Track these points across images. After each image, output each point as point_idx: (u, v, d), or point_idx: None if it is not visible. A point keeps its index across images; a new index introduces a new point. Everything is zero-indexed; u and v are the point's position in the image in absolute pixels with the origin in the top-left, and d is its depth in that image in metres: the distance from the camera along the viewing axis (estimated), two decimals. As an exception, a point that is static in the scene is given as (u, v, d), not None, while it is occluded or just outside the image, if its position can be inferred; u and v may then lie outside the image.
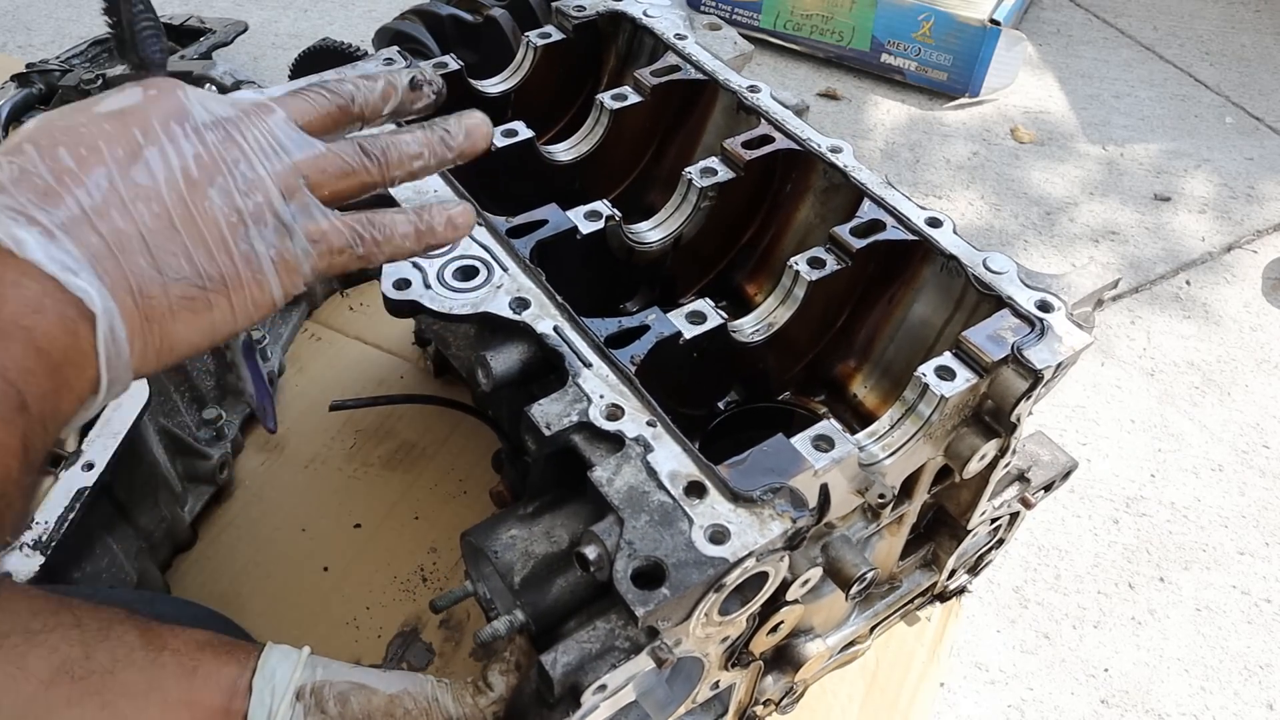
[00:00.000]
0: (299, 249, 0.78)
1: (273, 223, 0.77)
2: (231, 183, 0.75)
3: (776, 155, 1.32)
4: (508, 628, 0.95)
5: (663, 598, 0.83)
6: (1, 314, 0.65)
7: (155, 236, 0.71)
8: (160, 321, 0.72)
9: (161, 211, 0.72)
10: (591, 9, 1.55)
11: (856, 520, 1.16)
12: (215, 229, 0.74)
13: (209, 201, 0.74)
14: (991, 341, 1.05)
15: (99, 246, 0.69)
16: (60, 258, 0.67)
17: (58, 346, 0.68)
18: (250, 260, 0.76)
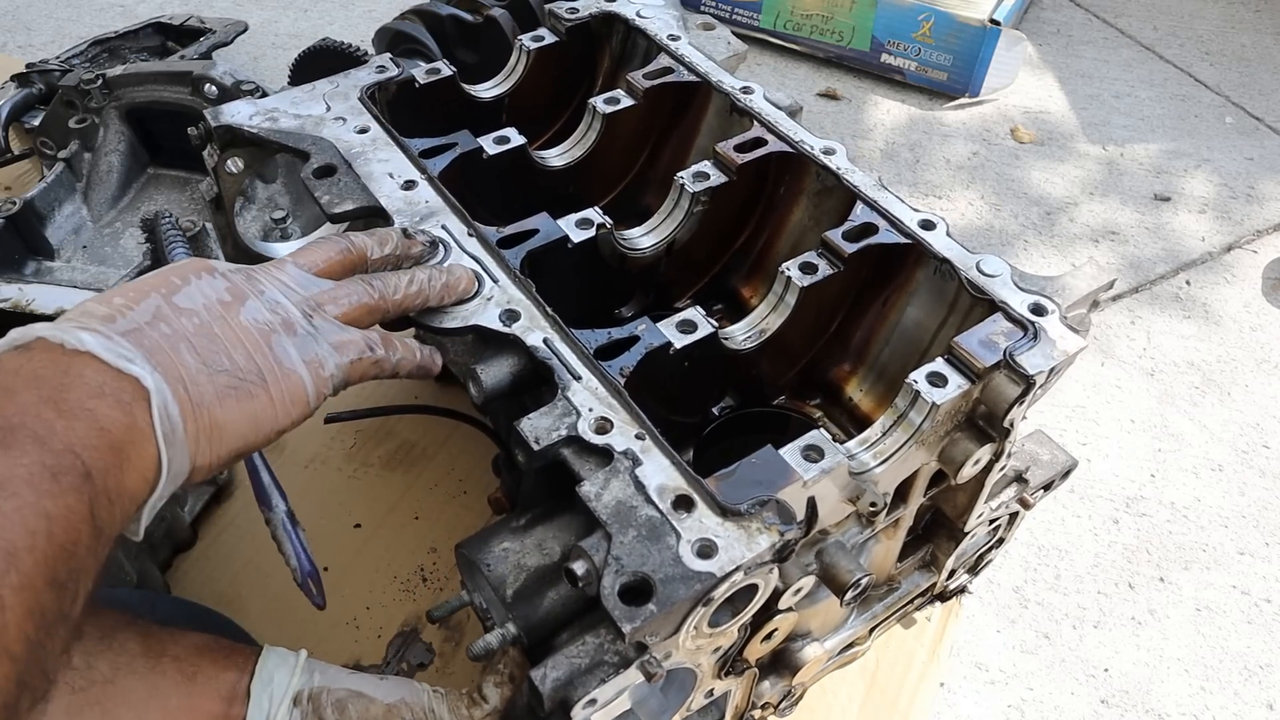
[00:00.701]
0: (323, 351, 0.92)
1: (301, 331, 0.91)
2: (260, 304, 0.91)
3: (769, 158, 1.32)
4: (500, 641, 0.95)
5: (649, 614, 0.82)
6: (68, 398, 0.75)
7: (198, 339, 0.85)
8: (208, 407, 0.83)
9: (203, 324, 0.86)
10: (584, 10, 1.55)
11: (851, 526, 1.16)
12: (250, 335, 0.88)
13: (242, 317, 0.89)
14: (984, 347, 1.04)
15: (150, 344, 0.82)
16: (118, 350, 0.79)
17: (118, 425, 0.76)
18: (283, 359, 0.89)
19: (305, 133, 1.28)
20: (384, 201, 1.18)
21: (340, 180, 1.21)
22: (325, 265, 1.00)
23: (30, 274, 1.78)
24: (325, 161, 1.24)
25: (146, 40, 2.69)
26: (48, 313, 1.53)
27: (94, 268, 1.86)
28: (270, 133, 1.28)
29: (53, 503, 0.71)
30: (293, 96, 1.35)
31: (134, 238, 1.95)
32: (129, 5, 3.27)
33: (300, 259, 0.99)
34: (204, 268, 0.92)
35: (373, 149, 1.26)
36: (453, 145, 1.30)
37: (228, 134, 1.30)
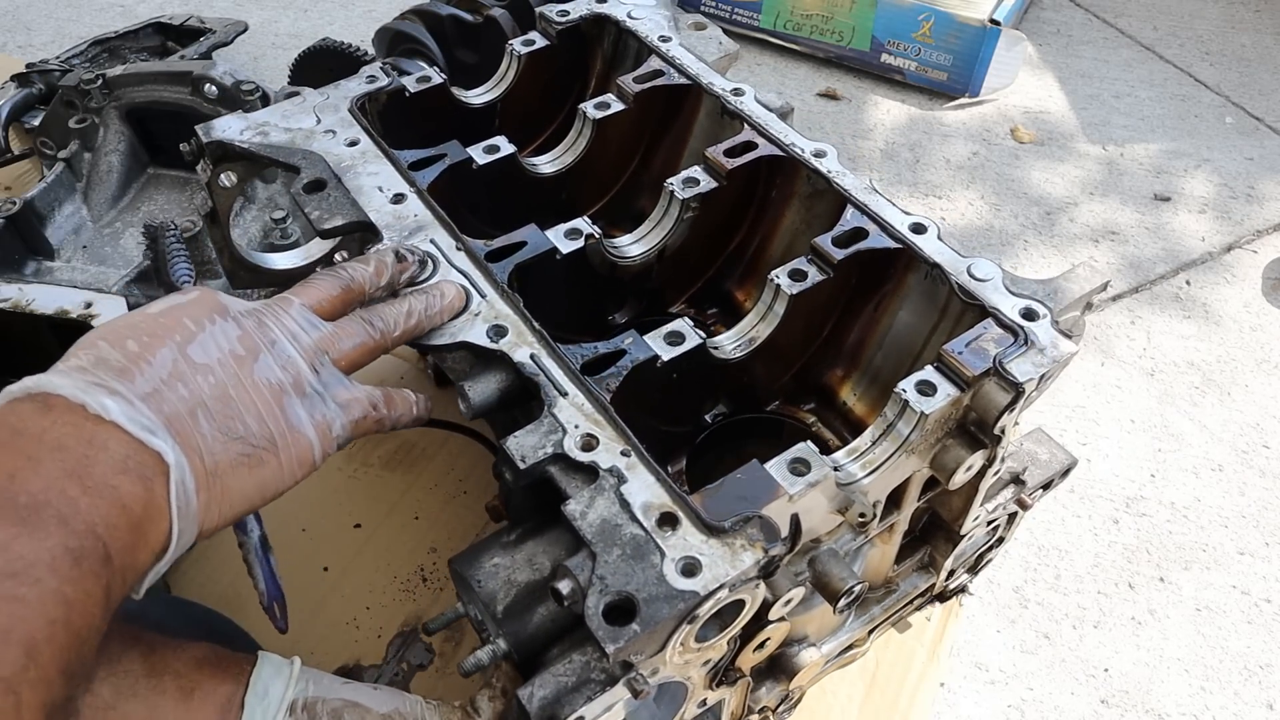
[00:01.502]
0: (331, 413, 0.93)
1: (309, 392, 0.92)
2: (272, 359, 0.90)
3: (759, 162, 1.31)
4: (490, 657, 0.96)
5: (633, 634, 0.82)
6: (92, 472, 0.74)
7: (215, 404, 0.85)
8: (222, 476, 0.84)
9: (218, 383, 0.86)
10: (575, 13, 1.55)
11: (845, 533, 1.16)
12: (263, 397, 0.88)
13: (255, 375, 0.88)
14: (973, 354, 1.04)
15: (170, 411, 0.81)
16: (141, 420, 0.78)
17: (139, 502, 0.76)
18: (294, 423, 0.89)
19: (295, 146, 1.28)
20: (373, 216, 1.18)
21: (330, 195, 1.21)
22: (328, 304, 1.00)
23: (30, 274, 1.78)
24: (315, 176, 1.23)
25: (146, 40, 2.70)
26: (48, 313, 1.53)
27: (94, 268, 1.86)
28: (261, 147, 1.28)
29: (73, 588, 0.70)
30: (283, 109, 1.35)
31: (134, 238, 1.95)
32: (129, 5, 3.28)
33: (304, 296, 0.99)
34: (215, 308, 0.91)
35: (362, 162, 1.26)
36: (442, 156, 1.29)
37: (220, 149, 1.30)
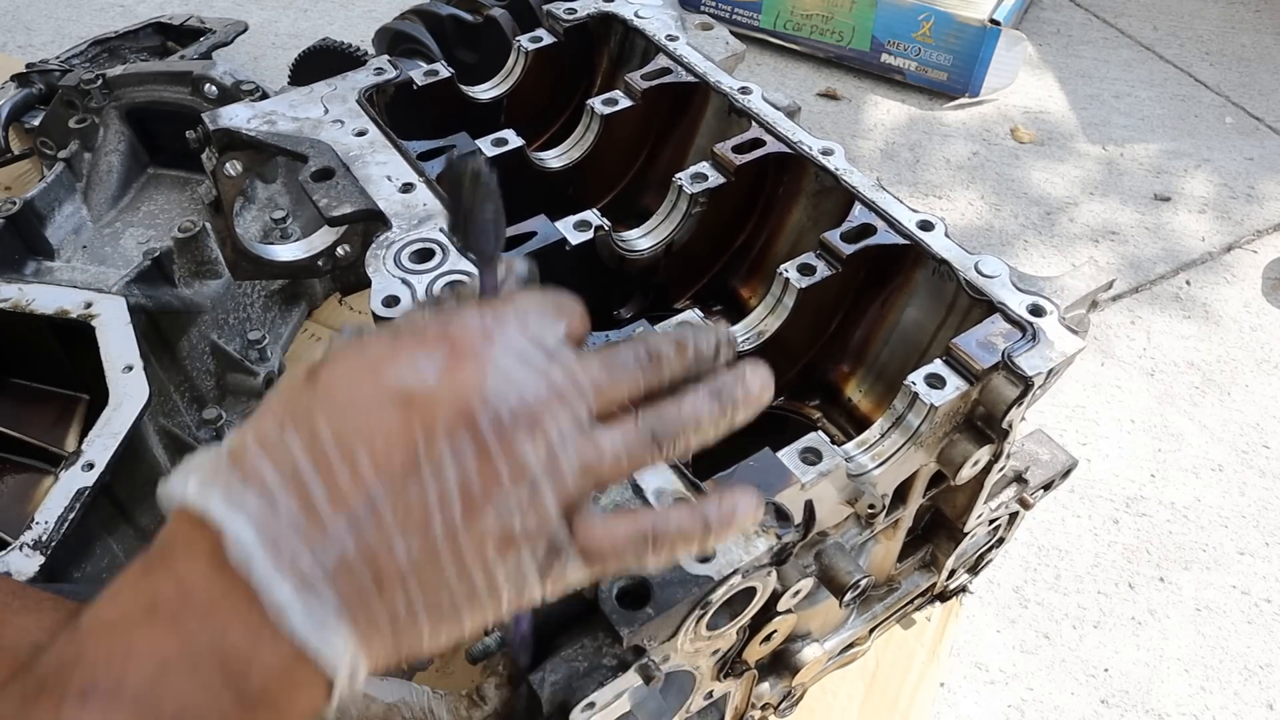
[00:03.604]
0: (569, 568, 0.70)
1: (545, 544, 0.68)
2: (512, 501, 0.65)
3: (767, 159, 1.32)
4: (498, 643, 0.95)
5: (647, 617, 0.83)
6: (251, 684, 0.60)
7: (419, 572, 0.64)
8: (410, 645, 0.66)
9: (429, 544, 0.63)
10: (582, 11, 1.55)
11: (850, 527, 1.16)
12: (484, 556, 0.65)
13: (481, 528, 0.65)
14: (982, 348, 1.04)
15: (357, 590, 0.62)
16: (317, 618, 0.61)
17: (295, 707, 0.63)
18: (515, 580, 0.67)
19: (303, 135, 1.28)
20: (382, 205, 1.18)
21: (338, 183, 1.21)
22: (622, 398, 0.72)
23: (30, 274, 1.78)
24: (323, 164, 1.23)
25: (146, 40, 2.69)
26: (48, 313, 1.53)
27: (94, 268, 1.86)
28: (268, 136, 1.28)
29: None
30: (291, 99, 1.35)
31: (134, 238, 1.95)
32: (129, 5, 3.28)
33: (602, 387, 0.70)
34: (469, 397, 0.64)
35: (370, 152, 1.26)
36: (451, 147, 1.30)
37: (226, 137, 1.30)
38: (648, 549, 0.71)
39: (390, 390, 0.64)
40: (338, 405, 0.64)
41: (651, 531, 0.71)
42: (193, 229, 1.69)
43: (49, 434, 1.66)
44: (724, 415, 0.74)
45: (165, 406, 1.66)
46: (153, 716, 0.56)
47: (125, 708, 0.56)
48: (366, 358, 0.67)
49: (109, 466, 1.37)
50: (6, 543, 1.31)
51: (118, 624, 0.59)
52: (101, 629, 0.60)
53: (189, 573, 0.60)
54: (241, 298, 1.87)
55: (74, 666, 0.57)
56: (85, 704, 0.55)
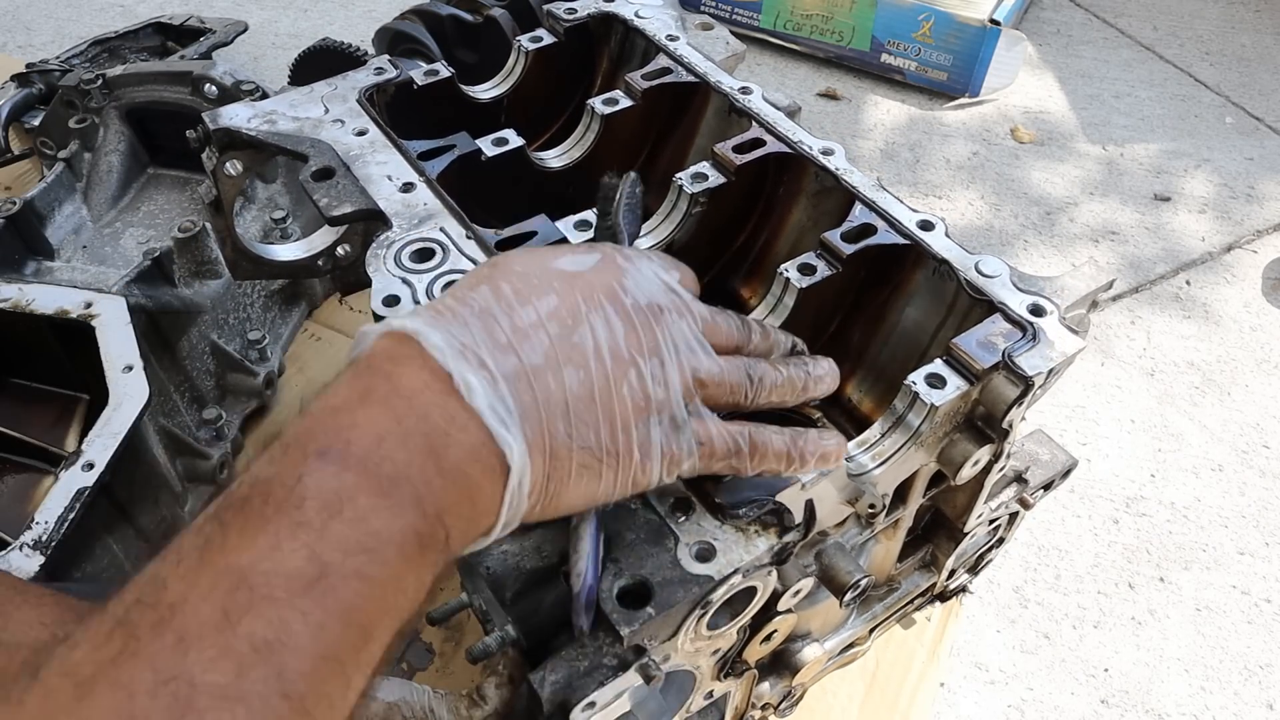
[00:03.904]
0: (685, 445, 0.83)
1: (669, 417, 0.82)
2: (648, 370, 0.81)
3: (767, 159, 1.31)
4: (499, 643, 0.95)
5: (648, 617, 0.83)
6: (449, 455, 0.71)
7: (576, 404, 0.77)
8: (558, 482, 0.78)
9: (586, 380, 0.78)
10: (583, 11, 1.55)
11: (851, 527, 1.16)
12: (625, 409, 0.79)
13: (627, 383, 0.80)
14: (982, 348, 1.04)
15: (529, 404, 0.75)
16: (499, 410, 0.73)
17: (483, 495, 0.74)
18: (644, 445, 0.81)
19: (304, 135, 1.28)
20: (382, 204, 1.18)
21: (339, 183, 1.21)
22: (723, 340, 0.90)
23: (30, 274, 1.78)
24: (323, 164, 1.23)
25: (146, 40, 2.69)
26: (48, 313, 1.53)
27: (94, 268, 1.86)
28: (268, 135, 1.28)
29: (413, 576, 0.69)
30: (291, 99, 1.35)
31: (134, 238, 1.95)
32: (129, 5, 3.28)
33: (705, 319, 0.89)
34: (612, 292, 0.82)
35: (371, 151, 1.26)
36: (451, 147, 1.29)
37: (226, 136, 1.30)
38: (745, 448, 0.87)
39: (556, 269, 0.83)
40: (516, 273, 0.81)
41: (750, 438, 0.87)
42: (193, 229, 1.69)
43: (49, 434, 1.66)
44: (800, 381, 0.93)
45: (165, 406, 1.66)
46: (374, 474, 0.67)
47: (353, 466, 0.67)
48: (536, 251, 0.87)
49: (109, 466, 1.37)
50: (6, 543, 1.31)
51: (340, 407, 0.71)
52: (327, 411, 0.71)
53: (395, 371, 0.73)
54: (241, 298, 1.87)
55: (310, 436, 0.69)
56: (324, 460, 0.67)
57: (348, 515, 0.65)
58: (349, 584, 0.64)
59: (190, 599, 0.60)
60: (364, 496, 0.66)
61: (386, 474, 0.68)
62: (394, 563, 0.66)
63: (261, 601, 0.60)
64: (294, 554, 0.63)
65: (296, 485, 0.66)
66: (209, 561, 0.62)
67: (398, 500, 0.67)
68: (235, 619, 0.59)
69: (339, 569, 0.63)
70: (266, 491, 0.66)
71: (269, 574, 0.62)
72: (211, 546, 0.63)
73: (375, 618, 0.66)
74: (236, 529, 0.64)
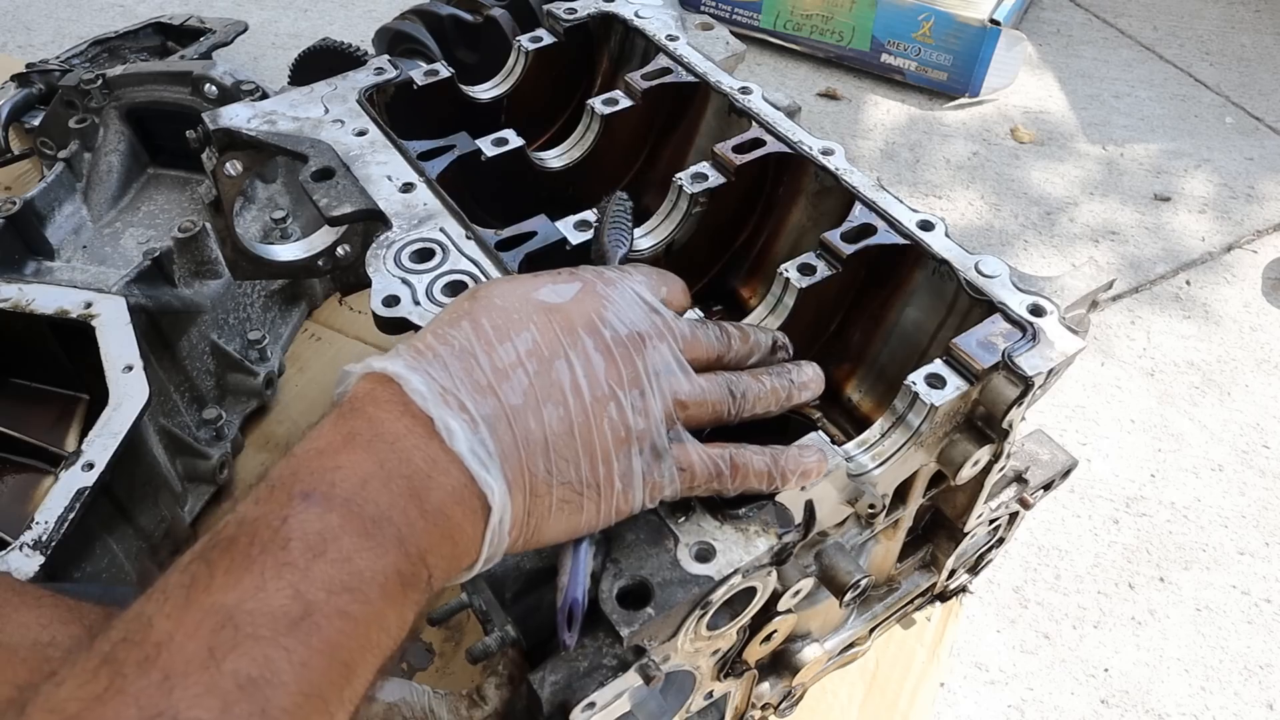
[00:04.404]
0: (667, 473, 0.85)
1: (650, 446, 0.84)
2: (628, 401, 0.83)
3: (767, 159, 1.31)
4: (499, 643, 0.96)
5: (647, 617, 0.83)
6: (431, 498, 0.73)
7: (556, 441, 0.79)
8: (539, 517, 0.80)
9: (566, 417, 0.80)
10: (583, 11, 1.55)
11: (851, 527, 1.16)
12: (605, 442, 0.81)
13: (607, 417, 0.81)
14: (982, 348, 1.04)
15: (509, 444, 0.77)
16: (480, 453, 0.75)
17: (464, 535, 0.75)
18: (626, 476, 0.83)
19: (303, 135, 1.28)
20: (382, 204, 1.18)
21: (339, 183, 1.21)
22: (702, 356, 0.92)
23: (30, 274, 1.77)
24: (323, 164, 1.23)
25: (146, 40, 2.69)
26: (48, 313, 1.53)
27: (94, 268, 1.86)
28: (268, 135, 1.28)
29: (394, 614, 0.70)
30: (291, 99, 1.35)
31: (134, 238, 1.95)
32: (129, 5, 3.28)
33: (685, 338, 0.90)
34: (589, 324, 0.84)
35: (371, 151, 1.26)
36: (451, 147, 1.29)
37: (226, 137, 1.30)
38: (726, 470, 0.88)
39: (536, 302, 0.84)
40: (495, 308, 0.83)
41: (731, 460, 0.88)
42: (193, 229, 1.69)
43: (49, 434, 1.66)
44: (784, 390, 0.95)
45: (165, 406, 1.66)
46: (358, 516, 0.69)
47: (337, 508, 0.69)
48: (516, 283, 0.87)
49: (109, 466, 1.37)
50: (6, 543, 1.31)
51: (325, 450, 0.73)
52: (312, 454, 0.73)
53: (377, 414, 0.75)
54: (241, 298, 1.87)
55: (294, 478, 0.71)
56: (309, 502, 0.69)
57: (332, 555, 0.67)
58: (333, 622, 0.65)
59: (176, 637, 0.61)
60: (348, 537, 0.68)
61: (370, 515, 0.69)
62: (377, 601, 0.68)
63: (247, 640, 0.62)
64: (279, 593, 0.64)
65: (282, 526, 0.67)
66: (195, 600, 0.63)
67: (381, 541, 0.69)
68: (220, 656, 0.60)
69: (323, 608, 0.65)
70: (252, 532, 0.67)
71: (254, 613, 0.63)
72: (197, 585, 0.64)
73: (358, 655, 0.67)
74: (223, 568, 0.65)
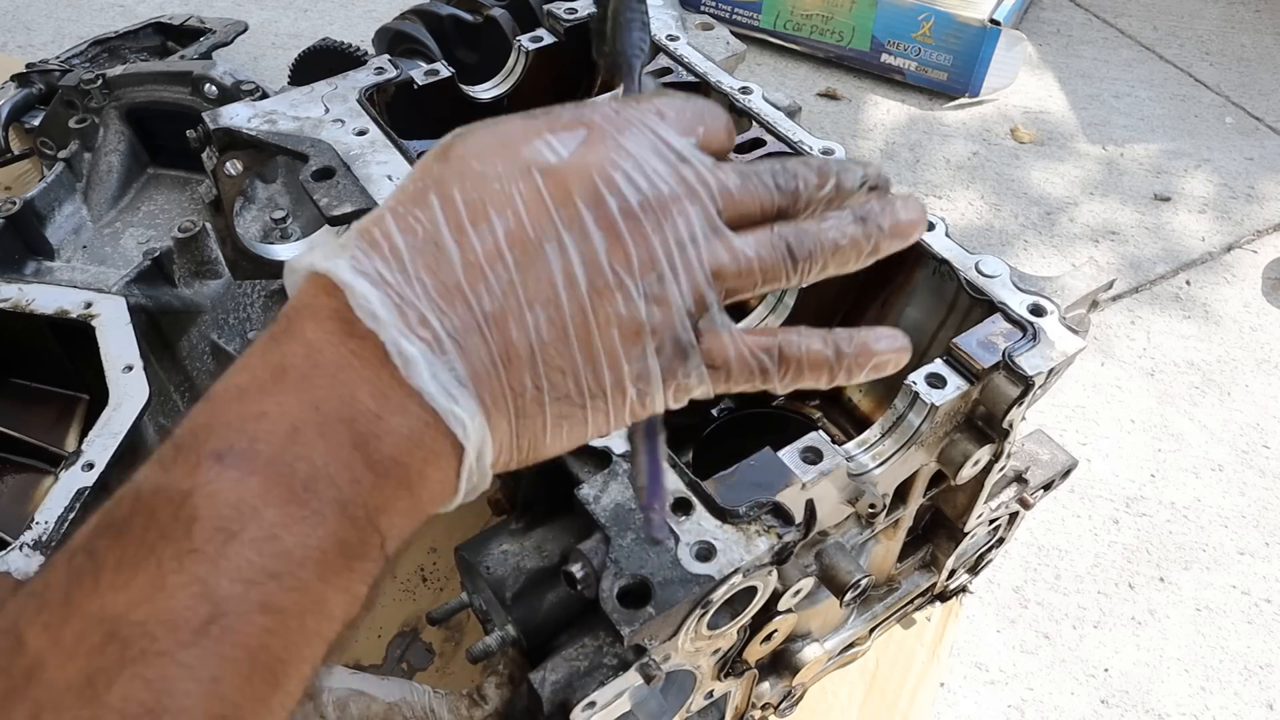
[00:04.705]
0: (694, 373, 0.66)
1: (671, 341, 0.65)
2: (637, 289, 0.63)
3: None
4: (499, 643, 0.96)
5: (648, 616, 0.83)
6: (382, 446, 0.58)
7: (546, 350, 0.61)
8: (531, 437, 0.64)
9: (558, 320, 0.61)
10: (583, 11, 1.55)
11: (851, 527, 1.16)
12: (611, 343, 0.63)
13: (609, 311, 0.62)
14: (982, 348, 1.04)
15: (485, 362, 0.60)
16: (445, 379, 0.59)
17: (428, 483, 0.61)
18: (641, 377, 0.64)
19: (304, 135, 1.28)
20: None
21: (339, 183, 1.21)
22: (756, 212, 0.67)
23: (30, 274, 1.78)
24: (324, 164, 1.24)
25: (146, 40, 2.69)
26: (48, 313, 1.53)
27: (94, 268, 1.86)
28: (269, 135, 1.28)
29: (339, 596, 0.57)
30: (291, 99, 1.35)
31: (134, 238, 1.95)
32: (129, 5, 3.27)
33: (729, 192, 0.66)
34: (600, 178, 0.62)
35: (371, 151, 1.26)
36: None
37: (226, 136, 1.30)
38: (773, 367, 0.69)
39: (524, 162, 0.62)
40: (471, 174, 0.62)
41: (779, 348, 0.69)
42: (193, 229, 1.69)
43: (49, 434, 1.66)
44: (867, 241, 0.70)
45: (165, 406, 1.66)
46: (286, 479, 0.55)
47: (259, 470, 0.54)
48: (500, 133, 0.65)
49: (109, 466, 1.37)
50: (6, 543, 1.31)
51: (248, 389, 0.58)
52: (232, 395, 0.58)
53: (316, 336, 0.58)
54: (241, 298, 1.86)
55: (208, 431, 0.56)
56: (222, 465, 0.54)
57: (251, 534, 0.53)
58: (252, 620, 0.52)
59: (50, 660, 0.50)
60: (272, 508, 0.54)
61: (301, 476, 0.55)
62: (312, 585, 0.55)
63: (137, 658, 0.50)
64: (180, 591, 0.51)
65: (185, 502, 0.54)
66: (76, 607, 0.52)
67: (315, 509, 0.55)
68: (104, 684, 0.49)
69: (238, 604, 0.52)
70: (150, 511, 0.55)
71: (147, 621, 0.51)
72: (81, 586, 0.52)
73: (290, 652, 0.55)
74: (111, 564, 0.53)
